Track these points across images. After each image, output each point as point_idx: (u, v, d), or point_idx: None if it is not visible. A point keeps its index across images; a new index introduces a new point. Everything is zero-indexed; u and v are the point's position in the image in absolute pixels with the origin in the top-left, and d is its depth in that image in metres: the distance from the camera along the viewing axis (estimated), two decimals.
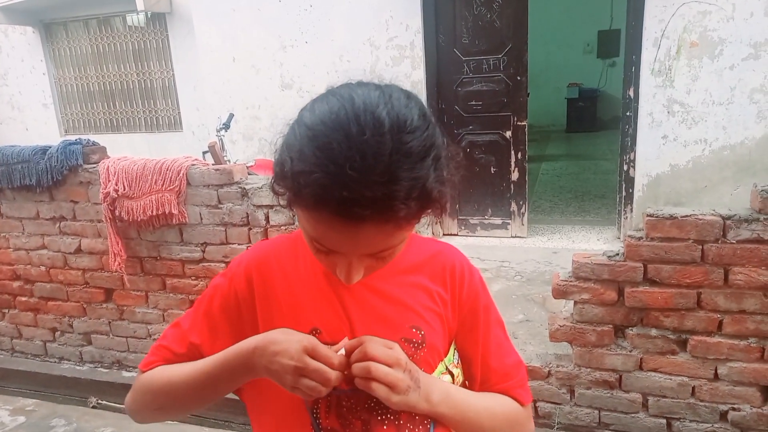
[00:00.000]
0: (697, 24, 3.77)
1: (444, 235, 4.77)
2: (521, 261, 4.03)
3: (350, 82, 0.75)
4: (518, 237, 4.60)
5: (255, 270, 0.90)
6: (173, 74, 6.38)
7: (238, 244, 2.97)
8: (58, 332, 3.55)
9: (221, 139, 4.27)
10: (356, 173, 0.63)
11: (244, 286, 0.89)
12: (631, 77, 4.06)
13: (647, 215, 2.23)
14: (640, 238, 2.25)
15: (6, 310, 3.63)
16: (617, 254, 2.30)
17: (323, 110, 0.70)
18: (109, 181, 3.01)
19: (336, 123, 0.67)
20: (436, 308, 0.90)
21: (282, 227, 2.87)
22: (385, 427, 0.85)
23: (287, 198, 0.75)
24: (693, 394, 2.36)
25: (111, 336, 3.42)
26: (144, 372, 0.93)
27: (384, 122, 0.66)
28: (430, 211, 0.72)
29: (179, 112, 6.47)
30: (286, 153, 0.71)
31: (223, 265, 3.02)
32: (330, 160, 0.64)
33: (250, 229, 2.94)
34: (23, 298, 3.55)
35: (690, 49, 3.82)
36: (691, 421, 2.39)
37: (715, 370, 2.31)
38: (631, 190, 4.14)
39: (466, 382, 0.97)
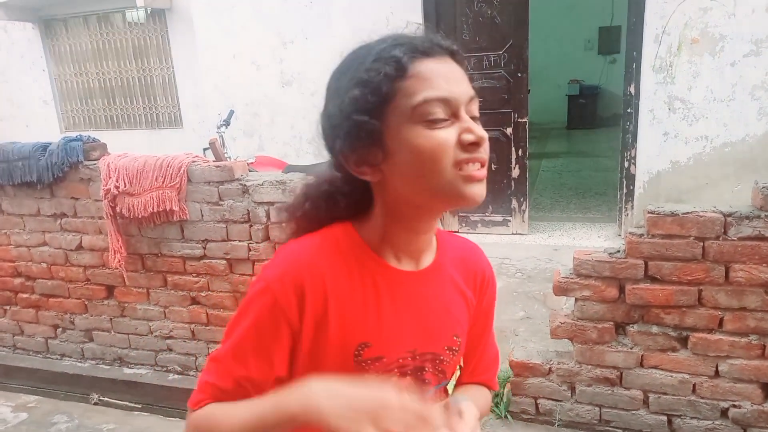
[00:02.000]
0: (698, 20, 3.77)
1: None
2: (522, 258, 4.03)
3: None
4: (519, 234, 4.60)
5: (309, 286, 0.79)
6: (173, 71, 6.37)
7: (239, 241, 2.97)
8: (60, 329, 3.55)
9: (221, 135, 4.26)
10: (418, 36, 0.78)
11: (294, 304, 0.78)
12: (632, 74, 4.06)
13: (648, 212, 2.22)
14: (641, 235, 2.25)
15: (7, 307, 3.64)
16: (618, 251, 2.30)
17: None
18: (109, 177, 3.00)
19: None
20: (468, 313, 0.93)
21: (283, 224, 2.86)
22: None
23: (370, 130, 0.75)
24: (694, 391, 2.37)
25: (112, 333, 3.42)
26: (194, 411, 0.82)
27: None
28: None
29: (179, 109, 6.46)
30: (350, 86, 0.77)
31: (224, 262, 3.02)
32: (396, 37, 0.79)
33: (251, 226, 2.94)
34: (24, 295, 3.56)
35: (691, 46, 3.82)
36: (691, 418, 2.39)
37: (716, 367, 2.31)
38: (632, 187, 4.14)
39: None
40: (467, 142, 0.75)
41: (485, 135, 0.77)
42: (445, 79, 0.75)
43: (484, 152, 0.77)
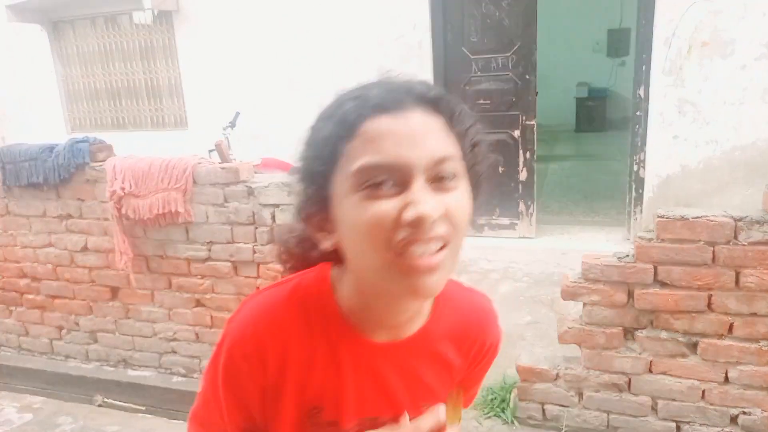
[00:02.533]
0: (708, 23, 3.73)
1: None
2: (529, 262, 4.00)
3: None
4: (526, 237, 4.57)
5: (269, 352, 0.75)
6: (179, 72, 6.38)
7: (244, 243, 2.96)
8: (65, 330, 3.55)
9: (227, 137, 4.26)
10: (384, 85, 0.67)
11: (255, 367, 0.75)
12: (642, 76, 4.03)
13: (658, 216, 2.20)
14: (650, 240, 2.22)
15: (13, 308, 3.64)
16: (627, 256, 2.27)
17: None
18: (115, 179, 3.00)
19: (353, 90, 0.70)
20: (450, 381, 0.85)
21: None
22: None
23: (320, 193, 0.68)
24: (703, 397, 2.33)
25: (117, 334, 3.42)
26: None
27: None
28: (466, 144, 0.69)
29: (185, 110, 6.47)
30: (311, 141, 0.70)
31: (229, 264, 3.01)
32: (358, 89, 0.68)
33: (256, 228, 2.93)
34: (30, 296, 3.56)
35: (701, 49, 3.78)
36: (701, 424, 2.36)
37: (726, 373, 2.28)
38: (640, 191, 4.11)
39: None
40: (406, 221, 0.60)
41: (431, 212, 0.61)
42: (395, 140, 0.61)
43: (436, 228, 0.62)
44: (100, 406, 3.30)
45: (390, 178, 0.62)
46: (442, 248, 0.63)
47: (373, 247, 0.62)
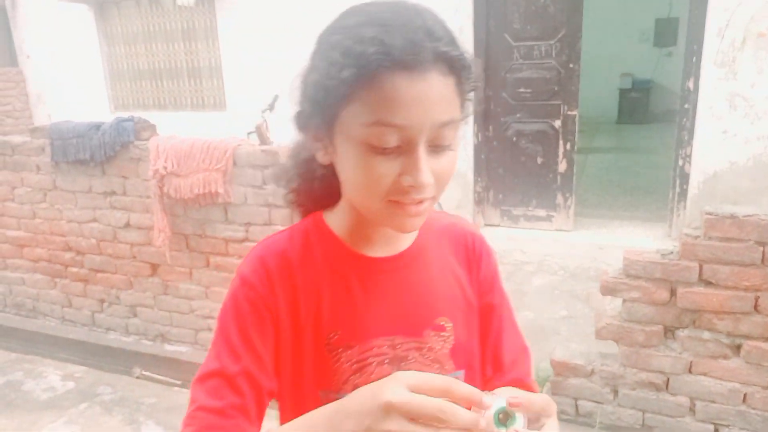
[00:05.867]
0: (765, 13, 3.57)
1: (485, 225, 4.70)
2: (565, 255, 3.94)
3: None
4: (563, 230, 4.49)
5: (277, 275, 0.78)
6: (219, 54, 6.44)
7: (281, 226, 2.98)
8: (106, 303, 3.66)
9: (266, 120, 4.28)
10: (406, 28, 0.65)
11: (268, 291, 0.77)
12: (691, 68, 3.89)
13: (706, 213, 2.13)
14: (696, 237, 2.15)
15: (58, 280, 3.77)
16: (671, 252, 2.21)
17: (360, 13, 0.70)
18: (158, 158, 3.06)
19: (373, 13, 0.68)
20: (461, 292, 0.85)
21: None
22: None
23: (325, 119, 0.69)
24: (744, 401, 2.27)
25: (155, 309, 3.51)
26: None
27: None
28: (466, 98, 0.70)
29: (224, 92, 6.54)
30: (323, 62, 0.68)
31: None
32: (380, 23, 0.65)
33: (292, 210, 2.95)
34: (74, 269, 3.68)
35: (757, 40, 3.62)
36: (740, 429, 2.29)
37: None
38: (685, 187, 3.99)
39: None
40: (403, 186, 0.67)
41: (427, 180, 0.66)
42: (410, 102, 0.64)
43: (426, 192, 0.68)
44: (138, 378, 3.40)
45: (395, 138, 0.65)
46: (421, 203, 0.70)
47: (369, 194, 0.69)
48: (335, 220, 0.82)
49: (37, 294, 3.88)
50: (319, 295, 0.79)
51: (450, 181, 0.72)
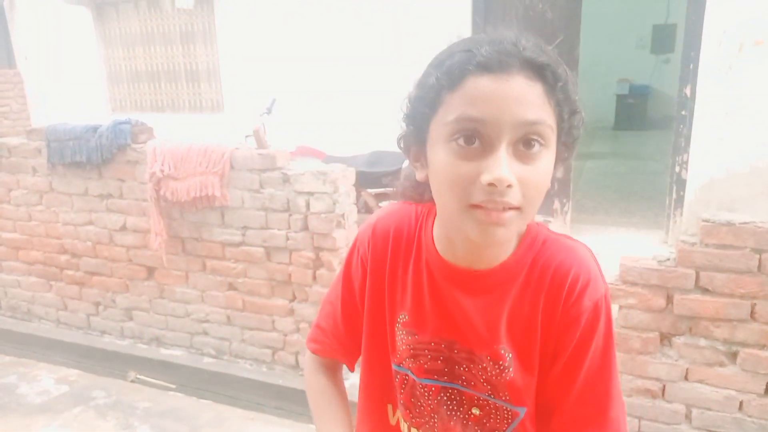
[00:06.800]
0: (762, 20, 3.58)
1: None
2: None
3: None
4: None
5: (381, 241, 0.89)
6: (218, 57, 6.44)
7: (278, 230, 2.98)
8: (101, 306, 3.65)
9: (263, 124, 4.28)
10: (496, 42, 0.68)
11: (366, 246, 0.91)
12: (688, 75, 3.89)
13: (703, 220, 2.13)
14: (693, 244, 2.15)
15: (53, 283, 3.75)
16: (668, 259, 2.21)
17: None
18: (155, 161, 3.05)
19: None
20: (534, 335, 0.79)
21: (322, 214, 2.86)
22: (452, 423, 0.86)
23: (418, 133, 0.75)
24: (740, 408, 2.26)
25: (151, 313, 3.50)
26: (311, 351, 1.01)
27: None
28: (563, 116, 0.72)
29: (222, 95, 6.54)
30: (419, 78, 0.74)
31: (262, 249, 3.04)
32: (471, 41, 0.70)
33: (290, 215, 2.94)
34: (70, 272, 3.66)
35: (754, 48, 3.63)
36: None
37: (766, 385, 2.20)
38: (682, 193, 3.99)
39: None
40: (482, 183, 0.66)
41: (506, 176, 0.65)
42: (491, 100, 0.65)
43: (508, 196, 0.66)
44: (132, 381, 3.38)
45: (479, 134, 0.67)
46: (512, 209, 0.68)
47: (453, 197, 0.70)
48: (437, 224, 0.86)
49: (32, 297, 3.86)
50: (402, 277, 0.87)
51: (542, 197, 0.70)
